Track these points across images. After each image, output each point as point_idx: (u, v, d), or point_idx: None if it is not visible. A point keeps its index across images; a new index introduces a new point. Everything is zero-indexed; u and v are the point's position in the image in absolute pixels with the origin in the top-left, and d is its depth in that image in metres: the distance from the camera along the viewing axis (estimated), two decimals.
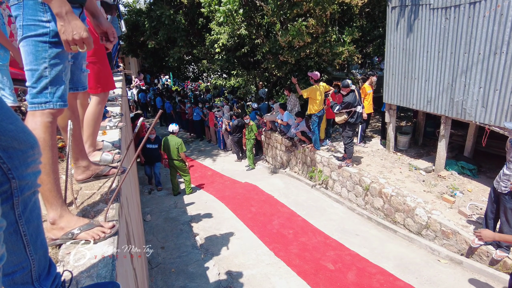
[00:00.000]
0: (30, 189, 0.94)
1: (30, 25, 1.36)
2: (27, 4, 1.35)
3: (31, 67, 1.38)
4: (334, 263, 4.86)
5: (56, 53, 1.40)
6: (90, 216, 1.64)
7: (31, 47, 1.37)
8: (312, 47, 7.85)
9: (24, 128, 0.91)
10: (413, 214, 5.46)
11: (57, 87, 1.43)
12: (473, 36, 5.32)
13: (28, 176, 0.92)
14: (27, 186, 0.92)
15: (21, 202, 0.92)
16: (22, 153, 0.89)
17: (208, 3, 8.66)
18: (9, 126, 0.85)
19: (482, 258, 4.53)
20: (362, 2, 6.95)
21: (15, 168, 0.88)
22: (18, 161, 0.88)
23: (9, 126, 0.85)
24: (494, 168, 6.31)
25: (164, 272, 4.79)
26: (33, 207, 0.97)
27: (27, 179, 0.92)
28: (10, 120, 0.86)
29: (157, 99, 15.86)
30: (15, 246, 0.93)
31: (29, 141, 0.91)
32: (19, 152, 0.89)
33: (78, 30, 1.33)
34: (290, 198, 7.31)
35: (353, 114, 6.43)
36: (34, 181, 0.96)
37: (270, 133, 9.81)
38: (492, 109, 5.25)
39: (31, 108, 1.41)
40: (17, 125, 0.88)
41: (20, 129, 0.89)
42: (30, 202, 0.95)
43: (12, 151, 0.87)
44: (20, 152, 0.89)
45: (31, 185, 0.95)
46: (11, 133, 0.86)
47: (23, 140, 0.89)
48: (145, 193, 8.18)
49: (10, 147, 0.86)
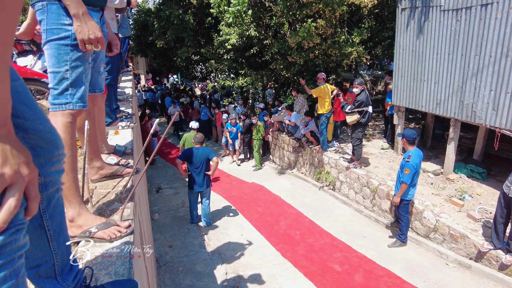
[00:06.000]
0: (54, 186, 0.99)
1: (53, 29, 1.40)
2: (51, 9, 1.39)
3: (54, 69, 1.43)
4: (341, 265, 4.86)
5: (77, 56, 1.45)
6: (105, 214, 1.68)
7: (53, 50, 1.42)
8: (321, 48, 7.84)
9: (52, 129, 0.95)
10: (421, 217, 5.43)
11: (77, 88, 1.48)
12: (484, 38, 5.27)
13: (52, 174, 0.96)
14: (51, 183, 0.96)
15: (45, 198, 0.96)
16: (48, 152, 0.93)
17: (217, 4, 8.71)
18: (39, 126, 0.89)
19: (492, 263, 4.49)
20: (371, 4, 6.92)
21: (40, 165, 0.92)
22: (44, 159, 0.93)
23: (39, 127, 0.89)
24: (504, 171, 6.24)
25: (172, 270, 4.84)
26: (57, 204, 1.01)
27: (52, 177, 0.96)
28: (40, 120, 0.90)
29: (166, 99, 15.98)
30: (39, 240, 0.97)
31: (55, 142, 0.96)
32: (46, 151, 0.93)
33: (93, 30, 1.43)
34: (297, 199, 7.31)
35: (365, 114, 6.34)
36: (58, 179, 1.00)
37: (277, 133, 9.82)
38: (503, 112, 5.19)
39: (52, 108, 1.45)
40: (46, 126, 0.92)
41: (48, 130, 0.93)
42: (54, 198, 1.00)
43: (39, 150, 0.91)
44: (47, 151, 0.93)
45: (55, 182, 0.99)
46: (40, 133, 0.90)
47: (50, 140, 0.93)
48: (153, 191, 8.26)
49: (38, 146, 0.90)
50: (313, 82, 9.00)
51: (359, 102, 6.19)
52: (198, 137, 5.82)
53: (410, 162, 4.82)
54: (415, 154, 4.87)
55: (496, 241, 4.39)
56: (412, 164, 4.80)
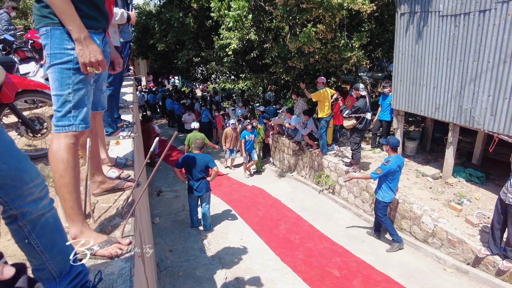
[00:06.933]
0: (33, 214, 1.09)
1: (56, 54, 1.45)
2: (54, 34, 1.45)
3: (57, 92, 1.48)
4: (340, 270, 4.90)
5: (79, 79, 1.50)
6: (107, 230, 1.73)
7: (57, 74, 1.47)
8: (321, 53, 7.88)
9: (19, 167, 1.03)
10: (420, 222, 5.48)
11: (80, 110, 1.53)
12: (482, 44, 5.30)
13: (27, 206, 1.07)
14: (28, 212, 1.07)
15: (29, 223, 1.08)
16: (16, 188, 1.04)
17: (217, 8, 8.75)
18: (2, 166, 0.98)
19: (489, 268, 4.53)
20: (370, 9, 6.95)
21: (11, 201, 1.03)
22: (13, 195, 1.03)
23: (2, 166, 0.98)
24: (502, 175, 6.27)
25: (172, 275, 4.89)
26: (45, 224, 1.13)
27: (27, 208, 1.07)
28: (4, 160, 0.99)
29: (167, 100, 16.03)
30: (32, 252, 1.12)
31: (23, 177, 1.04)
32: (14, 188, 1.03)
33: (94, 53, 1.49)
34: (297, 203, 7.36)
35: (362, 120, 6.45)
36: (35, 208, 1.10)
37: (277, 136, 9.87)
38: (501, 117, 5.22)
39: (56, 130, 1.50)
40: (11, 164, 1.00)
41: (13, 168, 1.01)
42: (40, 221, 1.11)
43: (7, 187, 1.01)
44: (15, 187, 1.03)
45: (33, 211, 1.09)
46: (3, 173, 0.99)
47: (16, 177, 1.03)
48: (153, 195, 8.31)
49: (5, 184, 1.01)
50: (313, 86, 9.05)
51: (356, 108, 6.31)
52: (198, 142, 5.86)
53: (386, 165, 5.14)
54: (394, 160, 5.16)
55: (493, 246, 4.43)
56: (386, 167, 5.12)
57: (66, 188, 1.48)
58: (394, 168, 5.13)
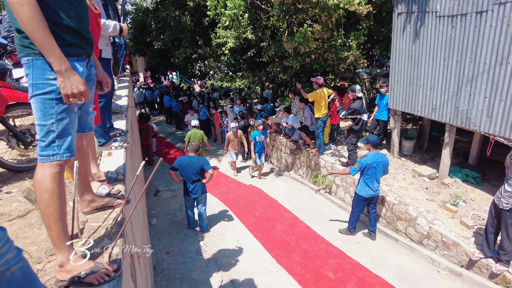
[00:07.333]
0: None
1: (38, 84, 1.45)
2: (36, 64, 1.43)
3: (40, 122, 1.48)
4: (335, 272, 4.94)
5: (62, 109, 1.49)
6: (95, 254, 1.74)
7: (39, 104, 1.46)
8: (317, 52, 7.83)
9: None
10: (415, 224, 5.51)
11: (64, 139, 1.52)
12: (479, 46, 5.27)
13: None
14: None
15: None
16: None
17: (214, 6, 8.67)
18: None
19: (482, 271, 4.57)
20: (367, 11, 6.89)
21: None
22: None
23: None
24: (499, 175, 6.29)
25: (169, 278, 4.94)
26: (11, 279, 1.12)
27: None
28: None
29: (165, 97, 15.99)
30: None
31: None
32: None
33: (76, 85, 1.48)
34: (294, 203, 7.39)
35: (358, 121, 6.47)
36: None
37: (275, 135, 9.87)
38: (497, 119, 5.22)
39: (40, 160, 1.50)
40: None
41: None
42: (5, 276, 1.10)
43: None
44: None
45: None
46: None
47: None
48: (151, 195, 8.34)
49: None
50: (310, 84, 9.00)
51: (352, 110, 6.33)
52: (193, 145, 5.86)
53: (361, 159, 5.42)
54: (371, 156, 5.39)
55: (487, 249, 4.47)
56: (361, 161, 5.38)
57: (51, 217, 1.49)
58: (370, 163, 5.29)
